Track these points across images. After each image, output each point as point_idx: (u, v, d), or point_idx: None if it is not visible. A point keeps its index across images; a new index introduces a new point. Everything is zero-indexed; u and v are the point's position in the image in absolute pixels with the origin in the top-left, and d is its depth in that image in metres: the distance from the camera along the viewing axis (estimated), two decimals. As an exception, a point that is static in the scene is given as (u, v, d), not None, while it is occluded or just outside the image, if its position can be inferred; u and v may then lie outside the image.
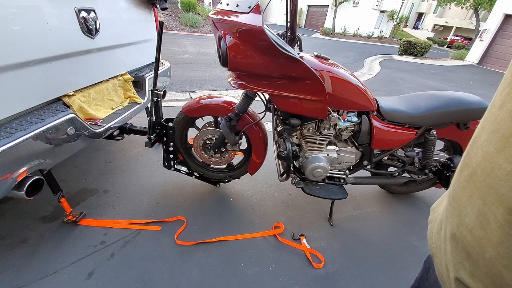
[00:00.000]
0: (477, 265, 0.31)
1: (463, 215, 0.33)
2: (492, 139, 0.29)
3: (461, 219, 0.33)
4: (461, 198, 0.34)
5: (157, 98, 1.45)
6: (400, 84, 5.82)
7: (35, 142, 1.03)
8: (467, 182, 0.33)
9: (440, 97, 1.40)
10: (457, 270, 0.35)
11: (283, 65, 1.09)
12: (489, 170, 0.29)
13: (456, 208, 0.35)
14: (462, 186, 0.34)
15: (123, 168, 1.90)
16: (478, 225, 0.30)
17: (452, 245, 0.36)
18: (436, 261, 0.41)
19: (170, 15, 10.26)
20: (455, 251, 0.35)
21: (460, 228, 0.33)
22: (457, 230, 0.34)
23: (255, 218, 1.58)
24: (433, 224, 0.45)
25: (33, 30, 1.07)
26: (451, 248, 0.36)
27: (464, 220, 0.33)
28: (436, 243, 0.41)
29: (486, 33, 10.51)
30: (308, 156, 1.40)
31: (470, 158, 0.33)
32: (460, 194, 0.34)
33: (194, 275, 1.21)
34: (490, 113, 0.31)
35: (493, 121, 0.30)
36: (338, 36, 17.46)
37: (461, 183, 0.35)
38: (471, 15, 22.64)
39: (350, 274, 1.30)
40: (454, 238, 0.35)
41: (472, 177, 0.32)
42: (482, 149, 0.31)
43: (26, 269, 1.16)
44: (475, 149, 0.33)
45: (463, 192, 0.33)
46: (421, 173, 1.62)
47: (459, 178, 0.35)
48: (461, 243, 0.33)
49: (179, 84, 3.94)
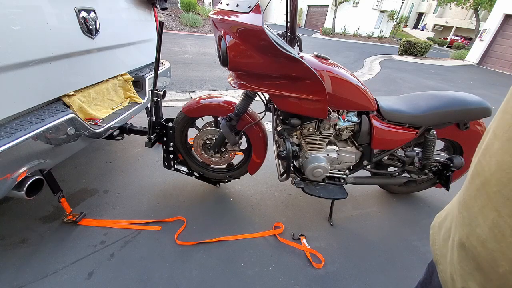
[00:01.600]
0: (489, 278, 0.30)
1: (474, 226, 0.32)
2: (508, 148, 0.28)
3: (472, 229, 0.32)
4: (472, 207, 0.33)
5: (157, 98, 1.45)
6: (400, 84, 5.82)
7: (35, 142, 1.03)
8: (478, 191, 0.32)
9: (440, 97, 1.40)
10: (465, 281, 0.34)
11: (283, 64, 1.09)
12: (505, 181, 0.28)
13: (466, 218, 0.34)
14: (473, 195, 0.33)
15: (123, 168, 1.89)
16: (492, 238, 0.29)
17: (461, 255, 0.35)
18: (440, 268, 0.40)
19: (170, 15, 10.26)
20: (463, 261, 0.34)
21: (471, 238, 0.32)
22: (467, 240, 0.33)
23: (255, 218, 1.58)
24: (435, 230, 0.44)
25: (33, 30, 1.07)
26: (459, 258, 0.35)
27: (475, 231, 0.31)
28: (441, 250, 0.40)
29: (486, 33, 10.51)
30: (308, 156, 1.40)
31: (482, 166, 0.32)
32: (471, 203, 0.33)
33: (194, 275, 1.21)
34: (503, 120, 0.30)
35: (508, 129, 0.29)
36: (338, 36, 17.46)
37: (472, 192, 0.33)
38: (471, 15, 22.64)
39: (350, 274, 1.30)
40: (463, 248, 0.34)
41: (484, 187, 0.31)
42: (497, 158, 0.29)
43: (26, 269, 1.16)
44: (488, 158, 0.31)
45: (475, 202, 0.32)
46: (421, 173, 1.62)
47: (470, 186, 0.34)
48: (470, 253, 0.32)
49: (179, 84, 3.94)
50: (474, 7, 14.32)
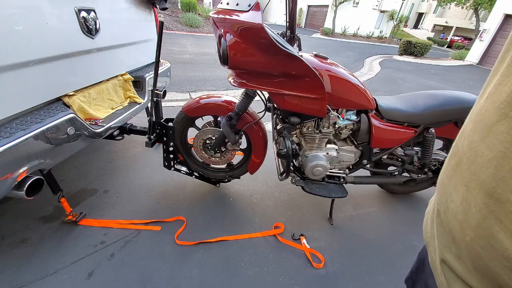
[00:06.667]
0: (460, 247, 0.32)
1: (449, 202, 0.34)
2: (477, 128, 0.31)
3: (447, 205, 0.35)
4: (448, 185, 0.35)
5: (157, 98, 1.45)
6: (400, 84, 5.82)
7: (35, 142, 1.03)
8: (454, 170, 0.34)
9: (438, 96, 1.41)
10: (442, 253, 0.36)
11: (283, 62, 1.10)
12: (473, 158, 0.30)
13: (443, 195, 0.36)
14: (449, 174, 0.36)
15: (123, 168, 1.90)
16: (461, 210, 0.31)
17: (439, 230, 0.37)
18: (430, 250, 0.42)
19: (170, 15, 10.27)
20: (442, 235, 0.37)
21: (447, 214, 0.35)
22: (444, 215, 0.36)
23: (255, 218, 1.58)
24: (428, 215, 0.46)
25: (33, 30, 1.07)
26: (438, 232, 0.38)
27: (450, 206, 0.34)
28: (430, 232, 0.43)
29: (486, 33, 10.51)
30: (308, 154, 1.40)
31: (457, 147, 0.35)
32: (447, 182, 0.36)
33: (194, 275, 1.21)
34: (477, 104, 0.33)
35: (478, 112, 0.31)
36: (338, 36, 17.46)
37: (448, 171, 0.36)
38: (471, 15, 22.65)
39: (350, 274, 1.30)
40: (441, 223, 0.37)
41: (458, 166, 0.33)
42: (468, 139, 0.32)
43: (26, 269, 1.16)
44: (462, 139, 0.34)
45: (450, 180, 0.35)
46: (421, 172, 1.62)
47: (447, 167, 0.37)
48: (447, 227, 0.35)
49: (179, 84, 3.94)
50: (474, 7, 14.33)
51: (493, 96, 0.29)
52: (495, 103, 0.28)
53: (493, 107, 0.28)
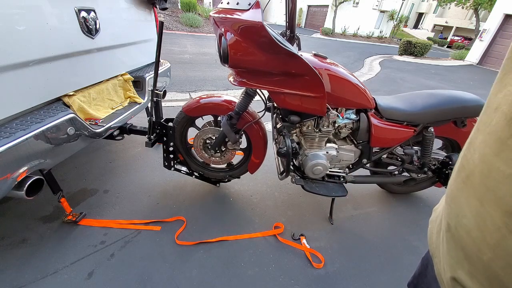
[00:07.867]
0: (476, 266, 0.31)
1: (461, 216, 0.33)
2: (488, 141, 0.29)
3: (459, 220, 0.33)
4: (459, 199, 0.34)
5: (157, 98, 1.45)
6: (400, 84, 5.82)
7: (35, 142, 1.03)
8: (464, 183, 0.33)
9: (437, 95, 1.42)
10: (454, 270, 0.35)
11: (283, 61, 1.10)
12: (486, 172, 0.29)
13: (453, 209, 0.35)
14: (460, 187, 0.34)
15: (123, 168, 1.90)
16: (476, 227, 0.30)
17: (450, 245, 0.36)
18: (435, 261, 0.41)
19: (170, 15, 10.27)
20: (452, 250, 0.35)
21: (458, 229, 0.33)
22: (455, 230, 0.34)
23: (255, 218, 1.58)
24: (433, 225, 0.45)
25: (33, 30, 1.07)
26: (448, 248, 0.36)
27: (462, 221, 0.33)
28: (435, 243, 0.42)
29: (486, 33, 10.51)
30: (308, 153, 1.40)
31: (467, 159, 0.34)
32: (458, 195, 0.34)
33: (194, 275, 1.21)
34: (485, 115, 0.31)
35: (489, 123, 0.30)
36: (338, 36, 17.46)
37: (458, 184, 0.35)
38: (471, 15, 22.63)
39: (350, 274, 1.30)
40: (452, 238, 0.35)
41: (469, 179, 0.32)
42: (479, 151, 0.31)
43: (26, 269, 1.16)
44: (472, 151, 0.33)
45: (461, 193, 0.34)
46: (421, 172, 1.62)
47: (457, 179, 0.36)
48: (459, 243, 0.33)
49: (179, 84, 3.94)
50: (474, 7, 14.33)
51: (504, 107, 0.28)
52: (507, 115, 0.27)
53: (504, 119, 0.27)
